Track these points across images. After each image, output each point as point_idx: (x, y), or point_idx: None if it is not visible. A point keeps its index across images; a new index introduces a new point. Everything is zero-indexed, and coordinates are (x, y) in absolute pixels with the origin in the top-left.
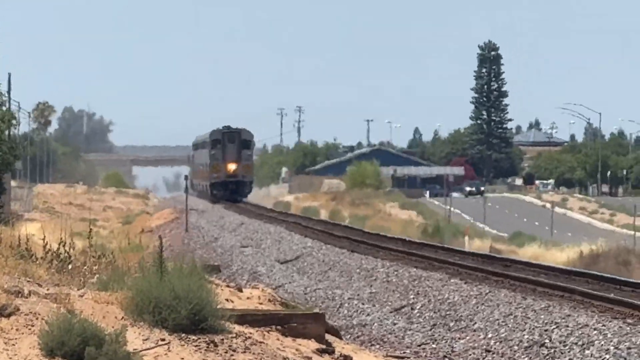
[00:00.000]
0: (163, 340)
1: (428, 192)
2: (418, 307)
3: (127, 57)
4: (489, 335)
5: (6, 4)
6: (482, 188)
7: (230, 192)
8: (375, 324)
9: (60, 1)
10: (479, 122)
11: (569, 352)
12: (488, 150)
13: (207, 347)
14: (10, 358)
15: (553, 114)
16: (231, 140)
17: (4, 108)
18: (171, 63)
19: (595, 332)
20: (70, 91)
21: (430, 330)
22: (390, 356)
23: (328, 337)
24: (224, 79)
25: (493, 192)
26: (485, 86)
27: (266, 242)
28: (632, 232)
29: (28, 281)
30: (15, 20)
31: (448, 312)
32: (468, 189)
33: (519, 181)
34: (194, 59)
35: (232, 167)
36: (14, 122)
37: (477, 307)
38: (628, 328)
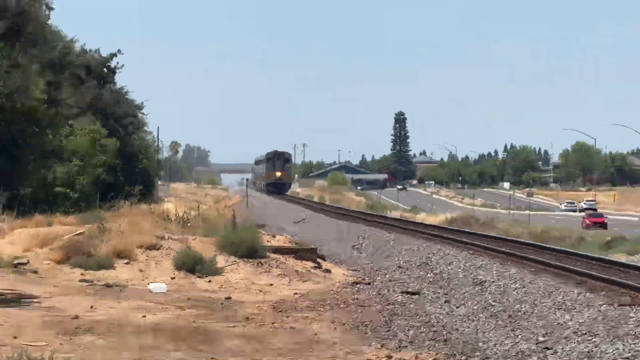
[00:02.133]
0: (235, 262)
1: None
2: (364, 245)
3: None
4: (401, 260)
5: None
6: (406, 186)
7: (277, 189)
8: (342, 254)
9: (207, 60)
10: (395, 151)
11: (439, 267)
12: (399, 166)
13: (258, 264)
14: (158, 270)
15: (432, 147)
16: (278, 158)
17: (155, 144)
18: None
19: (453, 257)
20: (188, 132)
21: (371, 256)
22: (350, 269)
23: (319, 260)
24: (261, 121)
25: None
26: (398, 133)
27: (287, 212)
28: (472, 207)
29: (167, 232)
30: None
31: (380, 248)
32: (399, 186)
33: (415, 182)
34: (254, 104)
35: (279, 174)
36: (159, 152)
37: (394, 246)
38: (470, 254)
